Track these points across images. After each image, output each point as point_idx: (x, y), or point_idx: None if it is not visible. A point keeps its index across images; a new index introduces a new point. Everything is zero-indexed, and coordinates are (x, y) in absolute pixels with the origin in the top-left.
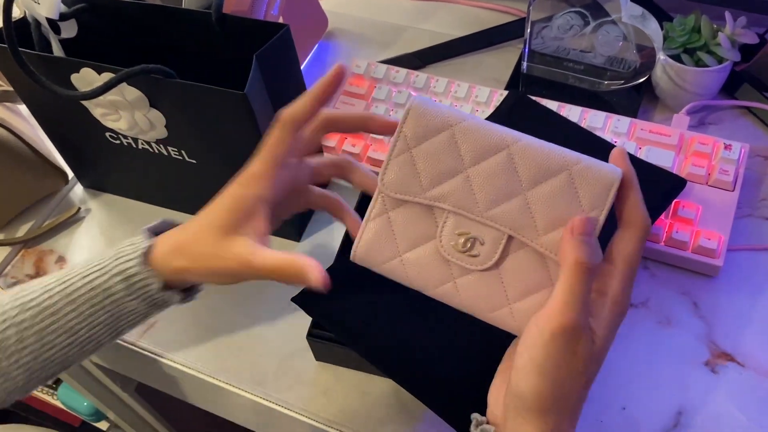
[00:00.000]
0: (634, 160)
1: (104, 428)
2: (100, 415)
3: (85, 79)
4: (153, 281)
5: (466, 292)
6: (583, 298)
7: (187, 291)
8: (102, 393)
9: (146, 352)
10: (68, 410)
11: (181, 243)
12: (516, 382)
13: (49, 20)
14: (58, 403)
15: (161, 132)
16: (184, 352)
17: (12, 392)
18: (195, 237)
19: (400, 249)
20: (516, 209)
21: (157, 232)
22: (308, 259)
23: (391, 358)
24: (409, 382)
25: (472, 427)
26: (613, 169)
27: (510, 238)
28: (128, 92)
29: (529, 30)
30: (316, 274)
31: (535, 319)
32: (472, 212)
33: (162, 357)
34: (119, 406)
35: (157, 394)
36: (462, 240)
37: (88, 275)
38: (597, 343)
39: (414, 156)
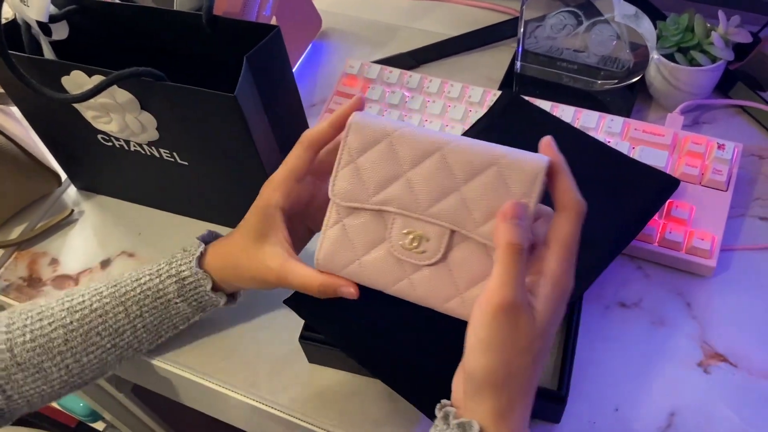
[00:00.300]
0: (628, 160)
1: (101, 429)
2: (96, 416)
3: (76, 81)
4: (205, 283)
5: (420, 287)
6: (518, 276)
7: (230, 296)
8: (98, 394)
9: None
10: (64, 411)
11: (227, 251)
12: (467, 363)
13: (39, 22)
14: (54, 404)
15: (153, 134)
16: (178, 354)
17: (45, 396)
18: (236, 245)
19: (357, 253)
20: (454, 205)
21: (206, 241)
22: (338, 279)
23: (380, 360)
24: (398, 384)
25: (436, 410)
26: (539, 158)
27: (452, 232)
28: (119, 95)
29: (522, 29)
30: (351, 290)
31: (478, 302)
32: (416, 212)
33: (155, 359)
34: (115, 407)
35: (154, 395)
36: (409, 239)
37: (140, 278)
38: (539, 319)
39: (358, 166)
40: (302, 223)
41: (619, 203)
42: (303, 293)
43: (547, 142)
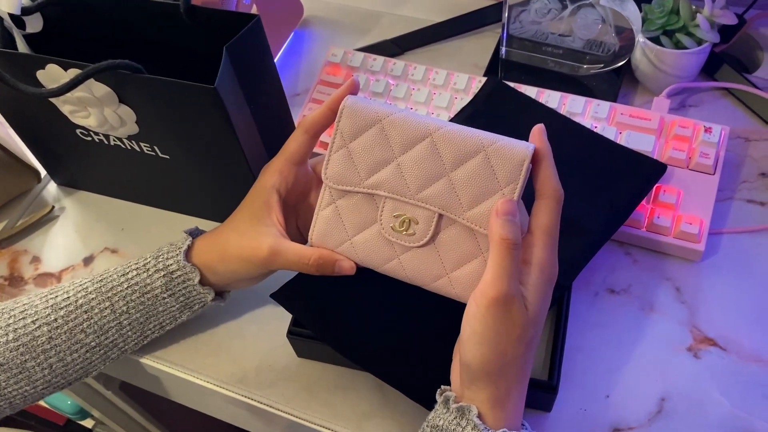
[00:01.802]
0: (615, 146)
1: (90, 426)
2: (84, 413)
3: (51, 75)
4: (192, 276)
5: (410, 267)
6: (511, 270)
7: (218, 294)
8: (85, 392)
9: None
10: (52, 409)
11: (214, 240)
12: (464, 354)
13: (11, 15)
14: (42, 402)
15: (132, 128)
16: (165, 351)
17: (28, 397)
18: (226, 232)
19: (349, 233)
20: (442, 190)
21: (193, 235)
22: (335, 253)
23: (367, 352)
24: (386, 374)
25: (437, 395)
26: (525, 146)
27: (440, 216)
28: (96, 88)
29: (506, 14)
30: (347, 264)
31: (473, 295)
32: (405, 196)
33: (143, 357)
34: (103, 404)
35: (142, 391)
36: (399, 221)
37: (127, 273)
38: (530, 308)
39: (350, 150)
40: (294, 223)
41: (607, 189)
42: (289, 287)
43: (537, 130)
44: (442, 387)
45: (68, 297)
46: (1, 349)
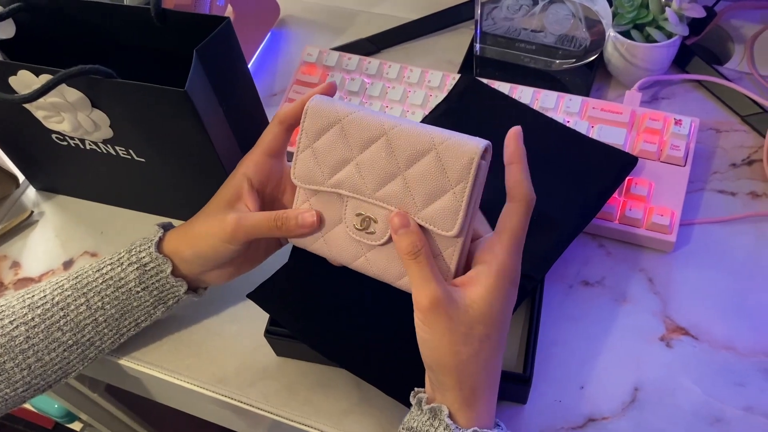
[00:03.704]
0: (586, 140)
1: (78, 429)
2: (72, 417)
3: (23, 81)
4: (165, 267)
5: (376, 264)
6: (427, 276)
7: (193, 290)
8: (71, 395)
9: (108, 355)
10: (40, 413)
11: (185, 228)
12: (424, 360)
13: None
14: (29, 406)
15: (107, 132)
16: (145, 352)
17: (8, 400)
18: (195, 218)
19: (322, 231)
20: (398, 189)
21: (166, 228)
22: (295, 210)
23: (343, 350)
24: (363, 371)
25: (411, 398)
26: (476, 144)
27: None
28: (69, 93)
29: (479, 11)
30: (309, 216)
31: (414, 308)
32: (364, 195)
33: (123, 359)
34: (90, 407)
35: (128, 393)
36: (360, 220)
37: (102, 268)
38: (475, 307)
39: (315, 150)
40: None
41: (579, 183)
42: (266, 287)
43: (513, 133)
44: (416, 389)
45: (45, 296)
46: None
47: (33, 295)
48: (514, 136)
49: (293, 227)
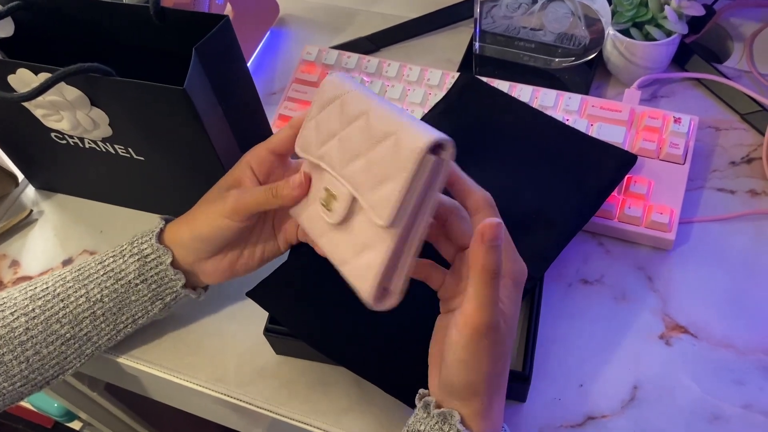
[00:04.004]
0: (585, 138)
1: (77, 428)
2: (72, 416)
3: (22, 80)
4: (165, 258)
5: (334, 246)
6: (493, 297)
7: (193, 288)
8: (70, 394)
9: (106, 353)
10: (39, 412)
11: (186, 216)
12: (447, 376)
13: None
14: (29, 405)
15: (106, 131)
16: (144, 351)
17: (6, 395)
18: (197, 206)
19: (308, 204)
20: (359, 169)
21: (167, 221)
22: (284, 179)
23: (342, 348)
24: (362, 369)
25: (416, 400)
26: (428, 136)
27: (355, 198)
28: (68, 92)
29: (478, 10)
30: (298, 179)
31: (455, 324)
32: (334, 170)
33: (122, 357)
34: (90, 406)
35: (128, 391)
36: (325, 196)
37: (104, 261)
38: (507, 321)
39: (317, 121)
40: (271, 222)
41: (577, 181)
42: (265, 285)
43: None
44: (421, 391)
45: (47, 287)
46: None
47: (35, 287)
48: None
49: (286, 193)
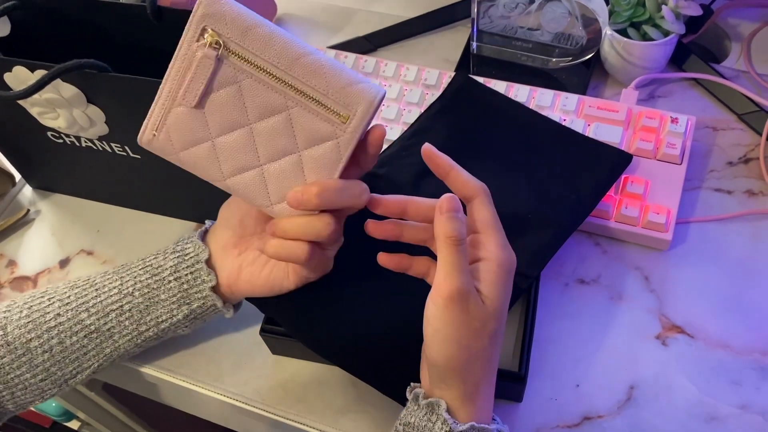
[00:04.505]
0: (580, 137)
1: (75, 428)
2: (70, 415)
3: (19, 77)
4: (203, 255)
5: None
6: (461, 265)
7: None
8: (69, 393)
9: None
10: (37, 411)
11: (226, 219)
12: (429, 354)
13: None
14: None
15: (102, 128)
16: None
17: (28, 389)
18: (236, 208)
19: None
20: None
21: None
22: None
23: (338, 348)
24: (357, 370)
25: (407, 393)
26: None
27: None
28: (64, 89)
29: (475, 9)
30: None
31: (430, 296)
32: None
33: None
34: (88, 405)
35: (125, 391)
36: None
37: (146, 258)
38: (488, 302)
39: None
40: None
41: (574, 181)
42: None
43: (427, 152)
44: (412, 384)
45: (89, 278)
46: (11, 326)
47: (80, 278)
48: (429, 153)
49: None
